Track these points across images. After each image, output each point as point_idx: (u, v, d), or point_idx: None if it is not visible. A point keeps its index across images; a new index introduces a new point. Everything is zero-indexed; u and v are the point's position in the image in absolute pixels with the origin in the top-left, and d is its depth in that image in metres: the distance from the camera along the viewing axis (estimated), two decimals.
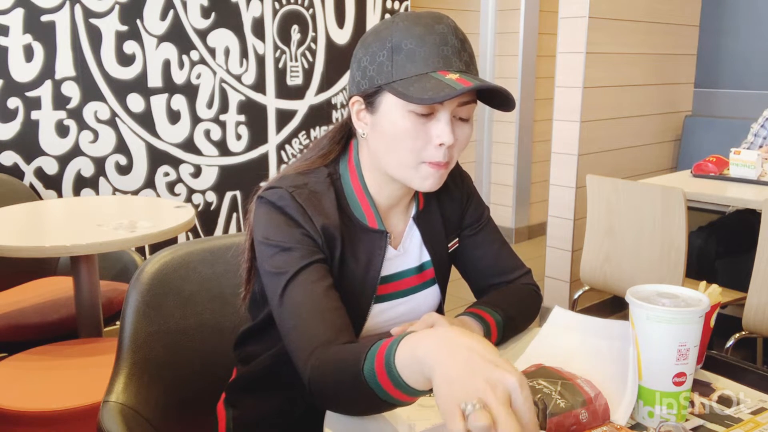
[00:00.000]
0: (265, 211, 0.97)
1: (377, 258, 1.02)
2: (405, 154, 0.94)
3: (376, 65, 0.93)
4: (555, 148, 3.11)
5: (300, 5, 3.18)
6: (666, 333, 0.81)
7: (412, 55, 0.90)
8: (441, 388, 0.65)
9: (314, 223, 0.95)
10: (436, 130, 0.92)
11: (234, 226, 3.12)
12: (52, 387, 1.61)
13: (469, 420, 0.60)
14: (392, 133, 0.94)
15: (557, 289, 3.18)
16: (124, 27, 2.69)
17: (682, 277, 2.17)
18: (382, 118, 0.95)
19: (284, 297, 0.92)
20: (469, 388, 0.62)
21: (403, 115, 0.92)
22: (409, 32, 0.91)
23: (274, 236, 0.95)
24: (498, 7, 4.53)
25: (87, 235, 1.77)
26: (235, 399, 1.14)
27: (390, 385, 0.73)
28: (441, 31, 0.91)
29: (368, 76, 0.94)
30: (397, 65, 0.91)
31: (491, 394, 0.61)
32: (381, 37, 0.94)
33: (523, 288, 1.15)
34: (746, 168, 2.45)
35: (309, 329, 0.88)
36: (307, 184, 0.99)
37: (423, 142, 0.93)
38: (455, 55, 0.91)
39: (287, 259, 0.93)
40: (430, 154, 0.94)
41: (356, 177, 1.03)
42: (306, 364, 0.86)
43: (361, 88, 0.96)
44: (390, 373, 0.73)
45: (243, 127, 3.08)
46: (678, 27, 3.47)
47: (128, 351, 1.18)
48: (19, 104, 2.50)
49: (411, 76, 0.90)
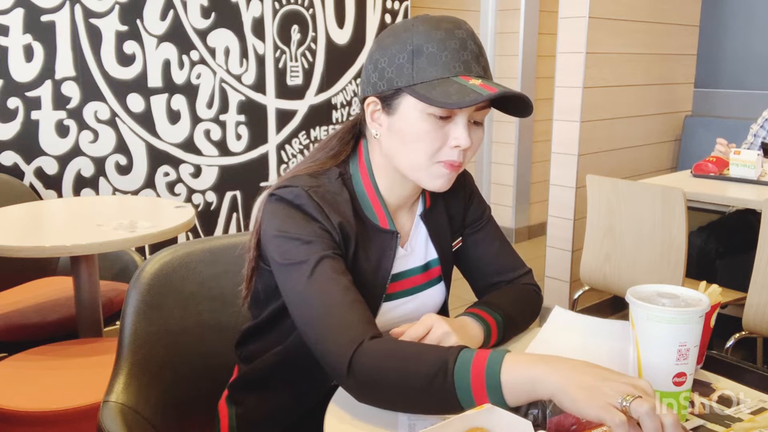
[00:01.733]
0: (281, 208, 0.97)
1: (388, 258, 1.02)
2: (421, 155, 0.95)
3: (395, 67, 0.94)
4: (555, 148, 3.11)
5: (300, 5, 3.18)
6: (666, 333, 0.81)
7: (434, 58, 0.92)
8: (578, 396, 0.72)
9: (332, 220, 0.96)
10: (455, 133, 0.94)
11: (234, 226, 3.12)
12: (52, 387, 1.61)
13: (631, 408, 0.68)
14: (409, 135, 0.95)
15: (557, 289, 3.18)
16: (124, 27, 2.69)
17: (682, 277, 2.17)
18: (400, 119, 0.95)
19: (310, 284, 0.90)
20: (610, 391, 0.71)
21: (422, 117, 0.93)
22: (430, 36, 0.93)
23: (293, 230, 0.94)
24: (498, 7, 4.53)
25: (87, 235, 1.77)
26: (238, 397, 1.14)
27: (483, 394, 0.78)
28: (461, 36, 0.93)
29: (386, 78, 0.95)
30: (418, 68, 0.92)
31: (634, 391, 0.70)
32: (401, 40, 0.94)
33: (523, 288, 1.16)
34: (746, 168, 2.45)
35: (345, 316, 0.87)
36: (321, 185, 0.99)
37: (440, 144, 0.95)
38: (474, 60, 0.93)
39: (308, 250, 0.93)
40: (445, 155, 0.95)
41: (367, 177, 1.04)
42: (348, 349, 0.84)
43: (378, 90, 0.97)
44: (491, 385, 0.78)
45: (243, 127, 3.08)
46: (678, 27, 3.47)
47: (128, 351, 1.18)
48: (19, 104, 2.50)
49: (433, 79, 0.91)
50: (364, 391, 0.85)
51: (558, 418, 0.79)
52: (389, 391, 0.83)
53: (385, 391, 0.84)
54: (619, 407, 0.69)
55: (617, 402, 0.70)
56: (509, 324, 1.07)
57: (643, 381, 0.73)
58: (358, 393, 0.86)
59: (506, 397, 0.77)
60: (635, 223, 2.27)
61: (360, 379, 0.84)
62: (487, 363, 0.79)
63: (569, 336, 1.01)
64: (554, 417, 0.79)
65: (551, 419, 0.78)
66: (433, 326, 0.95)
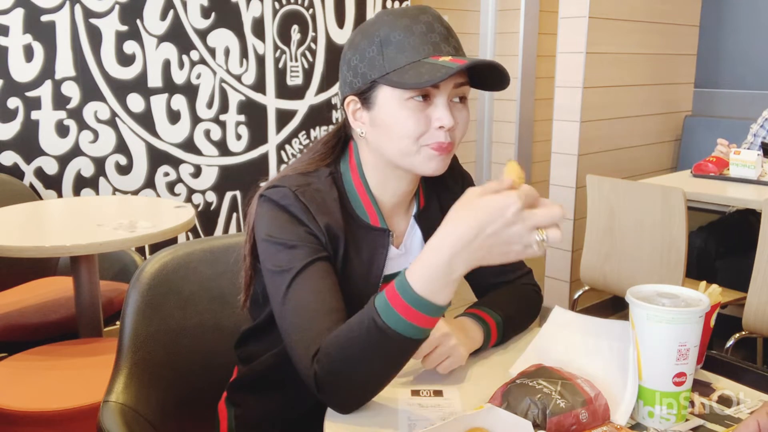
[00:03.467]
0: (268, 209, 0.97)
1: (380, 256, 1.02)
2: (407, 142, 0.95)
3: (367, 61, 0.95)
4: (555, 148, 3.11)
5: (300, 5, 3.18)
6: (666, 333, 0.81)
7: (402, 45, 0.92)
8: (497, 253, 0.75)
9: (318, 221, 0.95)
10: (436, 114, 0.94)
11: (234, 226, 3.12)
12: (52, 387, 1.61)
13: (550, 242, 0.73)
14: (392, 124, 0.95)
15: (557, 289, 3.18)
16: (124, 27, 2.69)
17: (682, 277, 2.17)
18: (380, 111, 0.96)
19: (287, 295, 0.92)
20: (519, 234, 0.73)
21: (400, 104, 0.93)
22: (396, 25, 0.94)
23: (277, 234, 0.95)
24: (498, 7, 4.53)
25: (87, 235, 1.77)
26: (237, 398, 1.14)
27: (413, 312, 0.78)
28: (426, 20, 0.94)
29: (360, 74, 0.96)
30: (388, 58, 0.93)
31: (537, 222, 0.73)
32: (368, 35, 0.96)
33: (523, 288, 1.16)
34: (746, 168, 2.45)
35: (313, 328, 0.88)
36: (310, 183, 0.99)
37: (424, 128, 0.94)
38: (443, 41, 0.94)
39: (291, 257, 0.93)
40: (432, 137, 0.95)
41: (358, 176, 1.03)
42: (310, 362, 0.85)
43: (355, 87, 0.97)
44: (411, 299, 0.77)
45: (243, 127, 3.08)
46: (678, 27, 3.47)
47: (128, 351, 1.18)
48: (19, 104, 2.50)
49: (404, 65, 0.92)
50: (331, 393, 0.85)
51: (558, 418, 0.79)
52: (348, 376, 0.84)
53: (345, 379, 0.84)
54: (540, 247, 0.73)
55: (535, 242, 0.73)
56: (509, 324, 1.07)
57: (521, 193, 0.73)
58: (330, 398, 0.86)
59: (432, 299, 0.77)
60: (635, 223, 2.27)
61: (322, 384, 0.85)
62: (396, 286, 0.79)
63: (569, 336, 1.01)
64: (554, 417, 0.79)
65: (551, 419, 0.79)
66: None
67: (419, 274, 0.77)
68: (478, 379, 0.97)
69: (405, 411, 0.87)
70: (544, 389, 0.81)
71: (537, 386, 0.82)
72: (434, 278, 0.77)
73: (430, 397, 0.91)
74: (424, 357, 0.94)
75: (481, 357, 1.03)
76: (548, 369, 0.87)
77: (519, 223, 0.72)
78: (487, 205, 0.73)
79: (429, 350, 0.94)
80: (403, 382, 0.95)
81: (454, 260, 0.75)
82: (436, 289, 0.77)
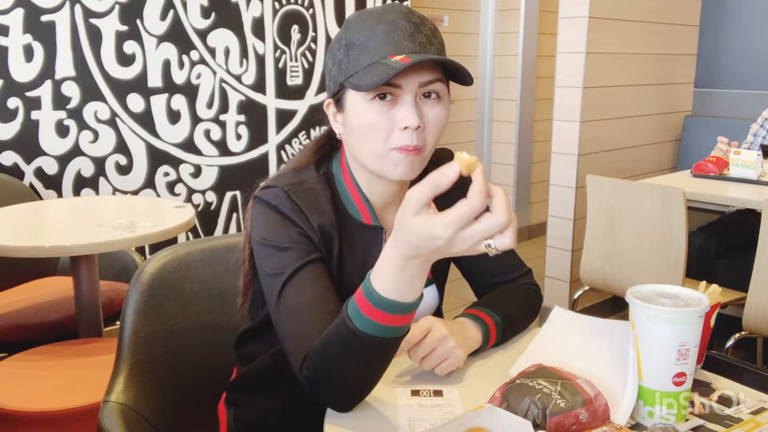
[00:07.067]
0: (261, 211, 0.98)
1: (374, 255, 1.02)
2: (374, 144, 0.94)
3: (337, 65, 0.96)
4: (555, 148, 3.11)
5: (300, 5, 3.18)
6: (666, 333, 0.81)
7: (365, 47, 0.93)
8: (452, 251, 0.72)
9: (311, 221, 0.96)
10: (400, 114, 0.93)
11: (234, 226, 3.12)
12: (52, 387, 1.61)
13: (498, 249, 0.71)
14: (359, 126, 0.95)
15: (557, 289, 3.18)
16: (124, 27, 2.69)
17: (682, 277, 2.17)
18: (349, 113, 0.96)
19: (281, 299, 0.92)
20: (467, 242, 0.71)
21: (366, 106, 0.93)
22: (360, 26, 0.94)
23: (270, 236, 0.95)
24: (498, 7, 4.53)
25: (87, 235, 1.77)
26: (236, 398, 1.14)
27: (380, 314, 0.77)
28: (391, 18, 0.93)
29: (332, 77, 0.98)
30: (353, 60, 0.93)
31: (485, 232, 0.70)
32: (337, 38, 0.97)
33: (523, 288, 1.15)
34: (746, 168, 2.45)
35: (305, 333, 0.88)
36: (303, 182, 1.00)
37: (389, 129, 0.93)
38: (408, 38, 0.92)
39: (283, 260, 0.93)
40: (397, 140, 0.93)
41: (348, 175, 1.04)
42: (302, 366, 0.86)
43: (331, 91, 0.99)
44: (375, 300, 0.76)
45: (243, 127, 3.08)
46: (678, 27, 3.47)
47: (128, 351, 1.18)
48: (19, 104, 2.50)
49: (364, 67, 0.92)
50: (322, 395, 0.87)
51: (558, 418, 0.79)
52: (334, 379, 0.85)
53: (332, 382, 0.85)
54: (492, 252, 0.71)
55: (483, 251, 0.71)
56: (508, 324, 1.07)
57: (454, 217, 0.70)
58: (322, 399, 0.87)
59: (399, 299, 0.76)
60: (635, 223, 2.27)
61: (312, 388, 0.86)
62: (362, 291, 0.78)
63: (569, 336, 1.01)
64: (554, 417, 0.79)
65: (551, 419, 0.79)
66: (431, 329, 0.94)
67: (381, 277, 0.77)
68: (478, 379, 0.97)
69: (405, 411, 0.87)
70: (544, 389, 0.81)
71: (537, 386, 0.82)
72: (397, 280, 0.76)
73: (430, 397, 0.91)
74: (422, 359, 0.94)
75: (481, 357, 1.03)
76: (548, 369, 0.87)
77: (457, 244, 0.71)
78: (418, 233, 0.72)
79: (427, 352, 0.94)
80: (403, 382, 0.95)
81: (409, 264, 0.75)
82: (401, 289, 0.76)
